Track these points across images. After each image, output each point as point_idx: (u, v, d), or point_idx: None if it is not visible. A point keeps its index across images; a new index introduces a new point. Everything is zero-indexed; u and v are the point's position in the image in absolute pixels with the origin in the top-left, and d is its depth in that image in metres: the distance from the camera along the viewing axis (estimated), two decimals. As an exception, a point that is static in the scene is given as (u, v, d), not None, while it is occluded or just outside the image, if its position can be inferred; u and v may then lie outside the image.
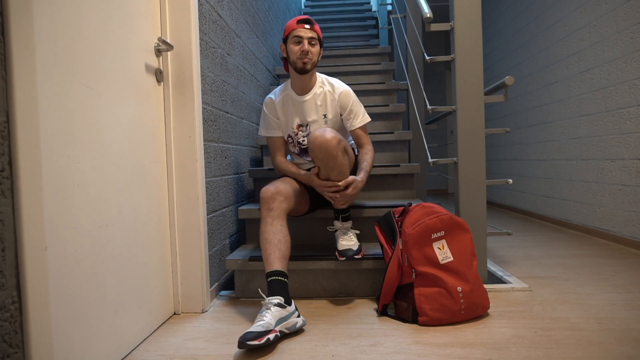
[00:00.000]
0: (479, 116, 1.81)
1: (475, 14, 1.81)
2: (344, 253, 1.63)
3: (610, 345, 1.23)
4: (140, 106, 1.36)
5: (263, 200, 1.55)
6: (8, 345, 0.75)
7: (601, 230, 2.77)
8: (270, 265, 1.43)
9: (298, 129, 1.78)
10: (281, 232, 1.50)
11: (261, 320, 1.28)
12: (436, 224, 1.46)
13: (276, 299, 1.35)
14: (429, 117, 3.50)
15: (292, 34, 1.66)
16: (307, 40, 1.65)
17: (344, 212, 1.71)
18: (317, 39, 1.68)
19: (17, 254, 0.78)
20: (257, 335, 1.22)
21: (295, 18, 1.69)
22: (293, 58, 1.67)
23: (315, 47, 1.68)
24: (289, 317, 1.35)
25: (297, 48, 1.65)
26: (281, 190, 1.56)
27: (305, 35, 1.65)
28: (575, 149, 3.06)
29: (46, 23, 0.93)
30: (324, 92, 1.76)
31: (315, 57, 1.68)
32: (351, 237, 1.69)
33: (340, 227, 1.71)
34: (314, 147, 1.52)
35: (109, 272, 1.15)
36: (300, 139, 1.79)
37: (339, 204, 1.64)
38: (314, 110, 1.75)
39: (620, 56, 2.54)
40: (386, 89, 2.91)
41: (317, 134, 1.52)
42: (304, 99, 1.75)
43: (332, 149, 1.50)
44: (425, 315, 1.41)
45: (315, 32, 1.67)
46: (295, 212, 1.71)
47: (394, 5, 3.58)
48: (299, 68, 1.67)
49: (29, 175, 0.79)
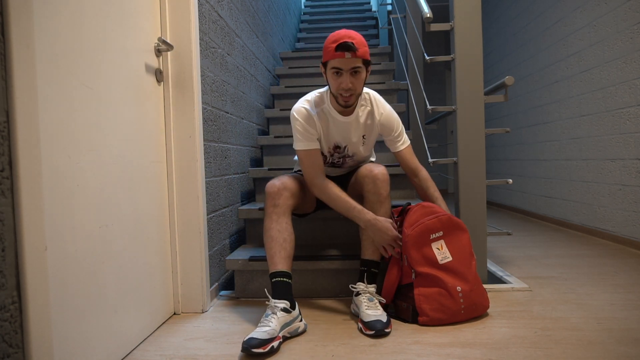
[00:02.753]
0: (479, 116, 1.81)
1: (475, 14, 1.81)
2: (371, 325, 1.33)
3: (610, 345, 1.23)
4: (140, 106, 1.36)
5: (269, 195, 1.46)
6: (8, 345, 0.75)
7: (601, 230, 2.77)
8: (275, 265, 1.40)
9: (335, 150, 1.63)
10: (287, 231, 1.44)
11: (267, 326, 1.26)
12: (435, 224, 1.46)
13: (282, 303, 1.33)
14: (429, 117, 3.50)
15: (330, 63, 1.43)
16: (349, 73, 1.41)
17: (375, 267, 1.51)
18: (361, 65, 1.42)
19: (17, 254, 0.78)
20: (261, 343, 1.20)
21: (334, 37, 1.41)
22: (334, 91, 1.48)
23: (361, 75, 1.44)
24: (292, 322, 1.34)
25: (337, 83, 1.43)
26: (288, 186, 1.48)
27: (346, 67, 1.40)
28: (575, 149, 3.06)
29: (46, 23, 0.93)
30: (366, 112, 1.58)
31: (360, 87, 1.47)
32: (377, 305, 1.42)
33: (365, 291, 1.46)
34: (370, 180, 1.49)
35: (109, 272, 1.15)
36: (336, 159, 1.66)
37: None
38: (354, 132, 1.58)
39: (620, 56, 2.54)
40: (386, 89, 2.91)
41: (375, 170, 1.48)
42: (347, 120, 1.55)
43: (387, 186, 1.49)
44: (425, 316, 1.41)
45: (360, 58, 1.40)
46: (300, 210, 1.68)
47: (393, 5, 3.58)
48: (341, 104, 1.49)
49: (29, 175, 0.79)
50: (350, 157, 1.68)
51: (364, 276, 1.50)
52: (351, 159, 1.69)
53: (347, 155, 1.66)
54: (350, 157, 1.68)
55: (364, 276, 1.50)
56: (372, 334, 1.33)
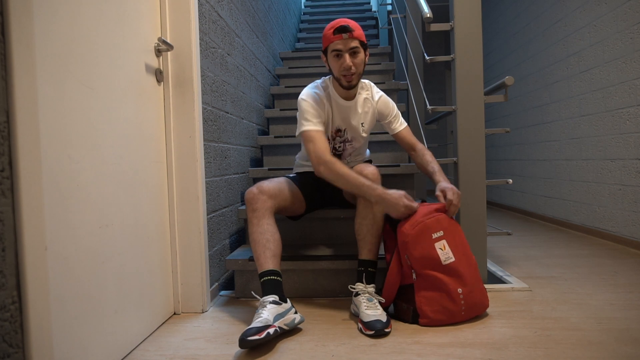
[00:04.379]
0: (479, 116, 1.81)
1: (475, 14, 1.81)
2: (371, 326, 1.33)
3: (609, 345, 1.23)
4: (140, 106, 1.36)
5: (247, 202, 1.50)
6: (8, 345, 0.75)
7: (601, 230, 2.77)
8: (262, 266, 1.42)
9: (336, 134, 1.70)
10: (268, 231, 1.45)
11: (259, 318, 1.28)
12: (433, 223, 1.45)
13: (270, 297, 1.35)
14: (429, 117, 3.50)
15: (330, 47, 1.53)
16: (348, 54, 1.51)
17: (372, 266, 1.52)
18: (359, 46, 1.52)
19: (17, 254, 0.78)
20: (257, 330, 1.21)
21: (331, 25, 1.53)
22: (336, 74, 1.56)
23: (359, 55, 1.53)
24: (286, 313, 1.35)
25: (339, 64, 1.53)
26: (264, 189, 1.50)
27: (345, 47, 1.50)
28: (575, 149, 3.06)
29: (46, 23, 0.93)
30: (364, 98, 1.67)
31: (360, 67, 1.55)
32: (377, 305, 1.42)
33: (364, 291, 1.47)
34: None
35: (109, 272, 1.15)
36: (337, 144, 1.72)
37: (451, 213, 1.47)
38: (356, 116, 1.67)
39: (620, 56, 2.54)
40: (386, 89, 2.90)
41: (365, 170, 1.49)
42: (349, 104, 1.65)
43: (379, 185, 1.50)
44: (426, 317, 1.40)
45: (356, 39, 1.51)
46: (290, 212, 1.69)
47: (393, 5, 3.58)
48: (345, 85, 1.57)
49: (29, 175, 0.79)
50: (350, 143, 1.75)
51: (362, 276, 1.50)
52: (350, 144, 1.75)
53: (346, 140, 1.73)
54: (350, 143, 1.75)
55: (362, 276, 1.50)
56: (372, 334, 1.33)
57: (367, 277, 1.50)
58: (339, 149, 1.74)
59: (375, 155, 2.42)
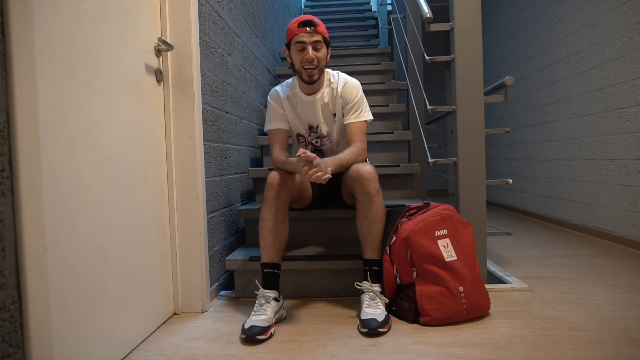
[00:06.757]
0: (479, 116, 1.81)
1: (475, 14, 1.81)
2: (366, 324, 1.35)
3: (609, 345, 1.23)
4: (140, 106, 1.36)
5: (271, 186, 1.49)
6: (8, 345, 0.75)
7: (601, 230, 2.77)
8: (270, 257, 1.49)
9: (310, 130, 1.73)
10: (284, 223, 1.51)
11: (264, 314, 1.38)
12: (438, 221, 1.47)
13: (273, 293, 1.45)
14: (429, 117, 3.50)
15: (293, 39, 1.54)
16: (311, 46, 1.53)
17: (377, 265, 1.51)
18: (322, 41, 1.55)
19: (17, 254, 0.78)
20: (263, 330, 1.32)
21: (296, 19, 1.56)
22: (298, 67, 1.57)
23: (321, 50, 1.56)
24: (279, 310, 1.48)
25: (301, 56, 1.54)
26: (287, 180, 1.51)
27: (308, 40, 1.52)
28: (575, 149, 3.06)
29: (46, 23, 0.93)
30: (330, 91, 1.67)
31: (322, 62, 1.57)
32: (378, 304, 1.43)
33: (369, 289, 1.47)
34: (357, 181, 1.48)
35: (109, 272, 1.15)
36: (313, 140, 1.75)
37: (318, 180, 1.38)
38: (322, 110, 1.68)
39: (620, 56, 2.54)
40: (386, 89, 2.91)
41: (361, 170, 1.48)
42: (313, 98, 1.67)
43: (375, 184, 1.49)
44: (427, 316, 1.41)
45: (320, 34, 1.54)
46: (296, 204, 1.72)
47: (393, 6, 3.58)
48: (305, 80, 1.58)
49: (29, 175, 0.79)
50: (327, 138, 1.75)
51: (367, 275, 1.51)
52: (328, 139, 1.75)
53: (322, 136, 1.74)
54: (327, 138, 1.75)
55: (367, 275, 1.51)
56: (365, 332, 1.35)
57: (371, 276, 1.50)
58: (316, 144, 1.76)
59: (375, 155, 2.42)
